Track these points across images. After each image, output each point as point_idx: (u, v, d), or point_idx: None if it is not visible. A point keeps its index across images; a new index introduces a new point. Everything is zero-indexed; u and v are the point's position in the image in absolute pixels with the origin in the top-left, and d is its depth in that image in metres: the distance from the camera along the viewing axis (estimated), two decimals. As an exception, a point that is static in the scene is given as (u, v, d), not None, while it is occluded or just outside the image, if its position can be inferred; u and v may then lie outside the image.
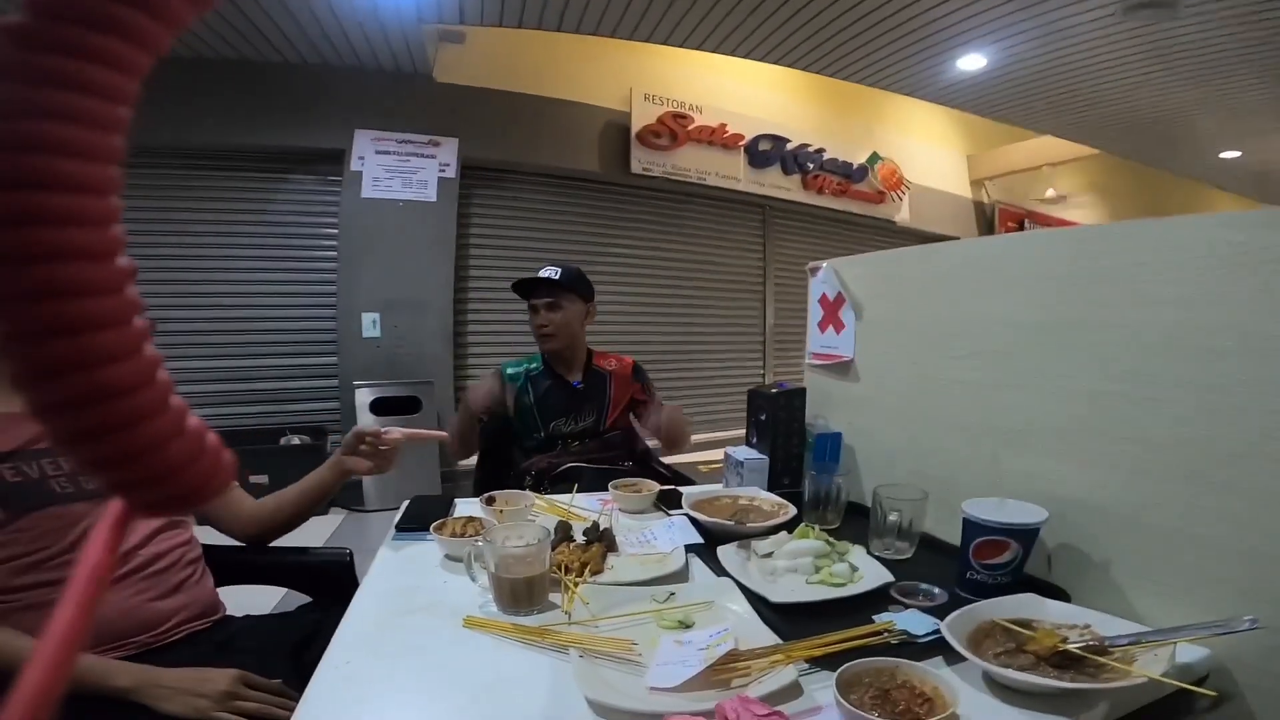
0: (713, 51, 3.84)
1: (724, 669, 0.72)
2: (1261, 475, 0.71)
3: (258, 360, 3.98)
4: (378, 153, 3.94)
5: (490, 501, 1.31)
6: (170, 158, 3.71)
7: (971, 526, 0.88)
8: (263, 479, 3.65)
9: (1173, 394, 0.80)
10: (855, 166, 5.51)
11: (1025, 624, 0.74)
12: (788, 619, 0.85)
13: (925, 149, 6.14)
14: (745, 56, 3.88)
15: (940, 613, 0.80)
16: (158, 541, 1.09)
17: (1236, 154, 5.69)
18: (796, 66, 3.99)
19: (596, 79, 4.50)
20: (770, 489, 1.38)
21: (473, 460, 2.11)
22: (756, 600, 0.89)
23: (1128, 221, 0.89)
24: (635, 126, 4.49)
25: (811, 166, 5.26)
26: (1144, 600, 0.84)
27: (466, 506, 1.37)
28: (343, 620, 0.89)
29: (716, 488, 1.43)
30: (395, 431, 1.29)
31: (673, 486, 1.51)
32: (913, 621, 0.81)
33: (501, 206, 4.45)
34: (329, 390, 4.06)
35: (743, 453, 1.45)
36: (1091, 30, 3.43)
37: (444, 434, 1.53)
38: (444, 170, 4.05)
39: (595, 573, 1.02)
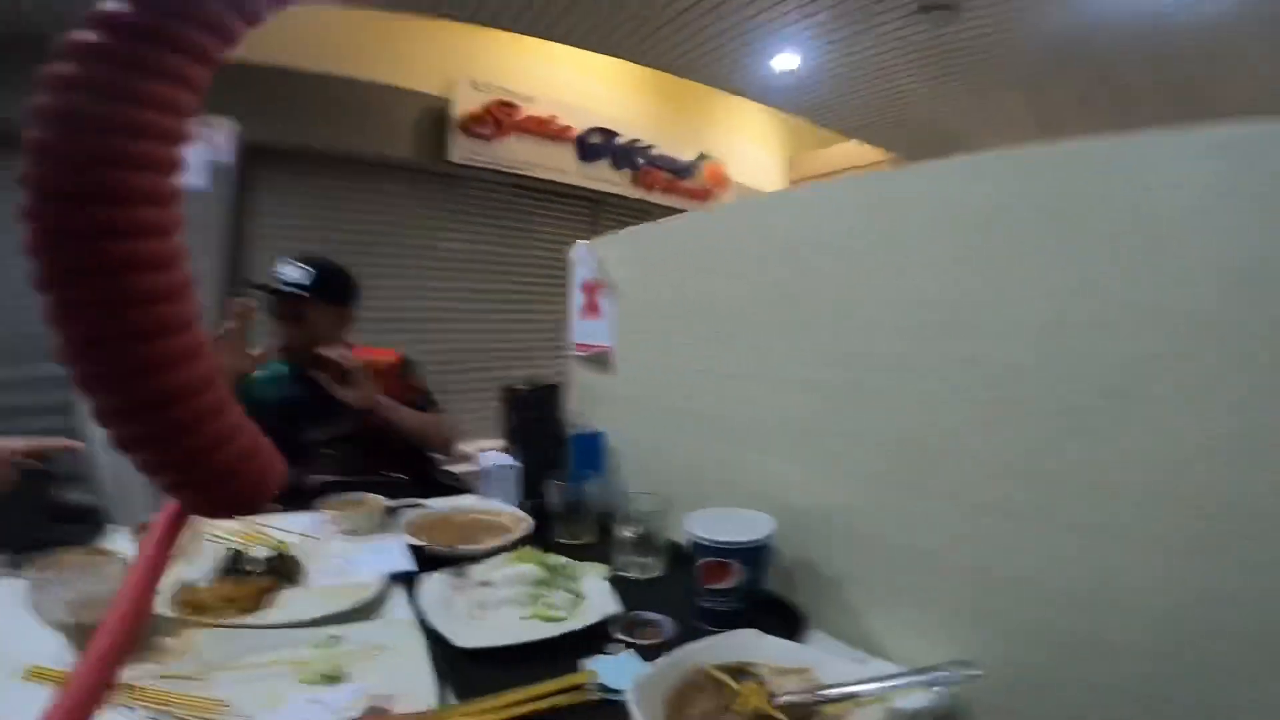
0: (539, 36, 3.67)
1: None
2: (976, 476, 0.64)
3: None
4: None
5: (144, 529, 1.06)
6: None
7: (696, 545, 0.77)
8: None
9: (883, 380, 0.71)
10: (683, 164, 5.57)
11: (742, 669, 0.63)
12: (481, 666, 0.70)
13: (749, 150, 6.37)
14: (571, 43, 3.76)
15: (662, 651, 0.67)
16: None
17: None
18: (622, 56, 3.94)
19: (415, 63, 4.16)
20: (527, 499, 1.23)
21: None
22: (439, 644, 0.72)
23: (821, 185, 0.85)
24: (460, 113, 4.20)
25: (642, 162, 5.23)
26: (875, 624, 0.76)
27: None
28: None
29: (463, 500, 1.25)
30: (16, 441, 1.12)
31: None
32: (618, 671, 0.67)
33: (298, 193, 3.98)
34: (56, 404, 3.38)
35: (491, 458, 1.28)
36: (890, 35, 3.65)
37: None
38: (217, 154, 3.52)
39: (247, 611, 0.83)
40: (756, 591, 0.77)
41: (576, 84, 4.90)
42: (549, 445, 1.29)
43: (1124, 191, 0.53)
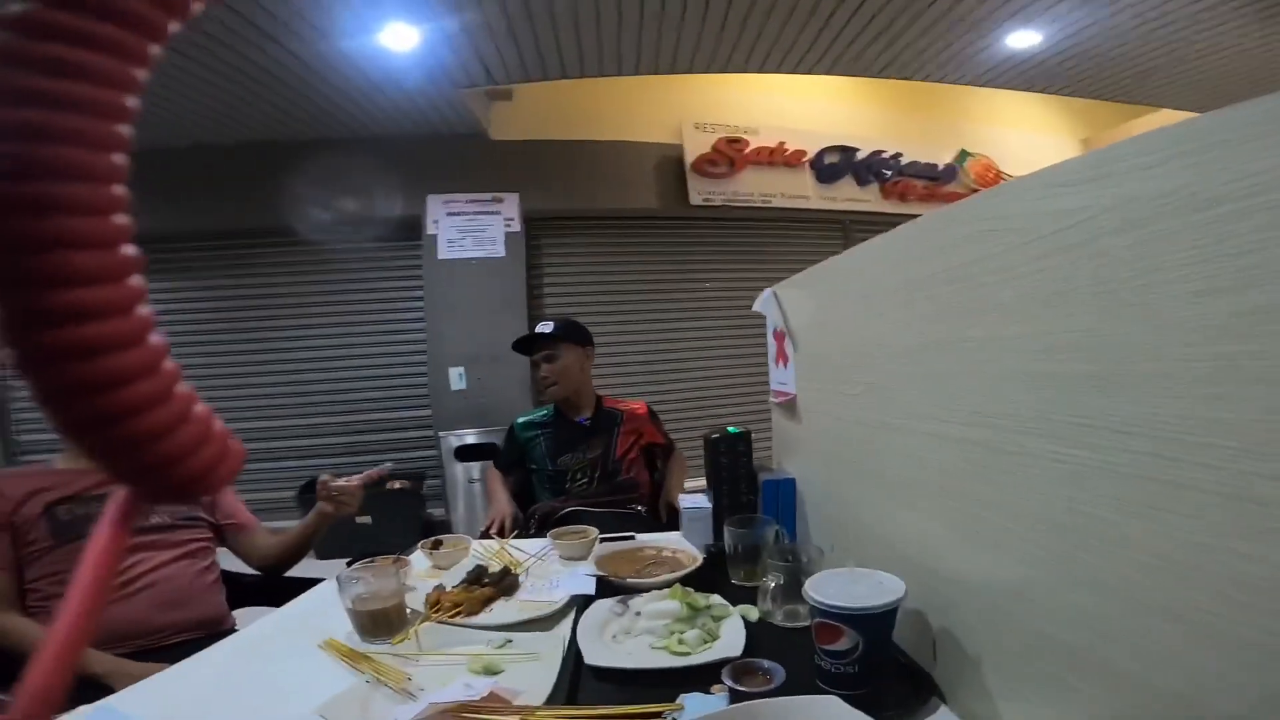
0: (759, 72, 3.77)
1: (456, 718, 0.72)
2: (1133, 569, 0.52)
3: (363, 415, 4.41)
4: (449, 214, 4.26)
5: (436, 546, 1.39)
6: (274, 236, 4.24)
7: (810, 604, 0.78)
8: (367, 520, 4.01)
9: (1027, 443, 0.62)
10: (941, 167, 5.11)
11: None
12: (597, 682, 0.81)
13: (1024, 138, 5.57)
14: (791, 72, 3.78)
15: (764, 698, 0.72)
16: (175, 566, 1.35)
17: None
18: (841, 73, 3.82)
19: (645, 115, 4.57)
20: (717, 540, 1.31)
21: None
22: (574, 657, 0.86)
23: (972, 198, 0.72)
24: (689, 157, 4.49)
25: (889, 173, 4.95)
26: (1008, 714, 0.67)
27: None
28: (251, 624, 1.09)
29: (658, 536, 1.38)
30: (355, 479, 1.50)
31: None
32: (701, 710, 0.73)
33: (566, 253, 4.62)
34: (426, 440, 4.37)
35: (688, 500, 1.39)
36: None
37: (387, 468, 1.65)
38: (509, 225, 4.28)
39: (470, 614, 1.06)
40: (876, 656, 0.75)
41: (799, 108, 4.86)
42: (742, 490, 1.37)
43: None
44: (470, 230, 4.27)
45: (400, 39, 3.03)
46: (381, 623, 0.99)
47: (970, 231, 0.70)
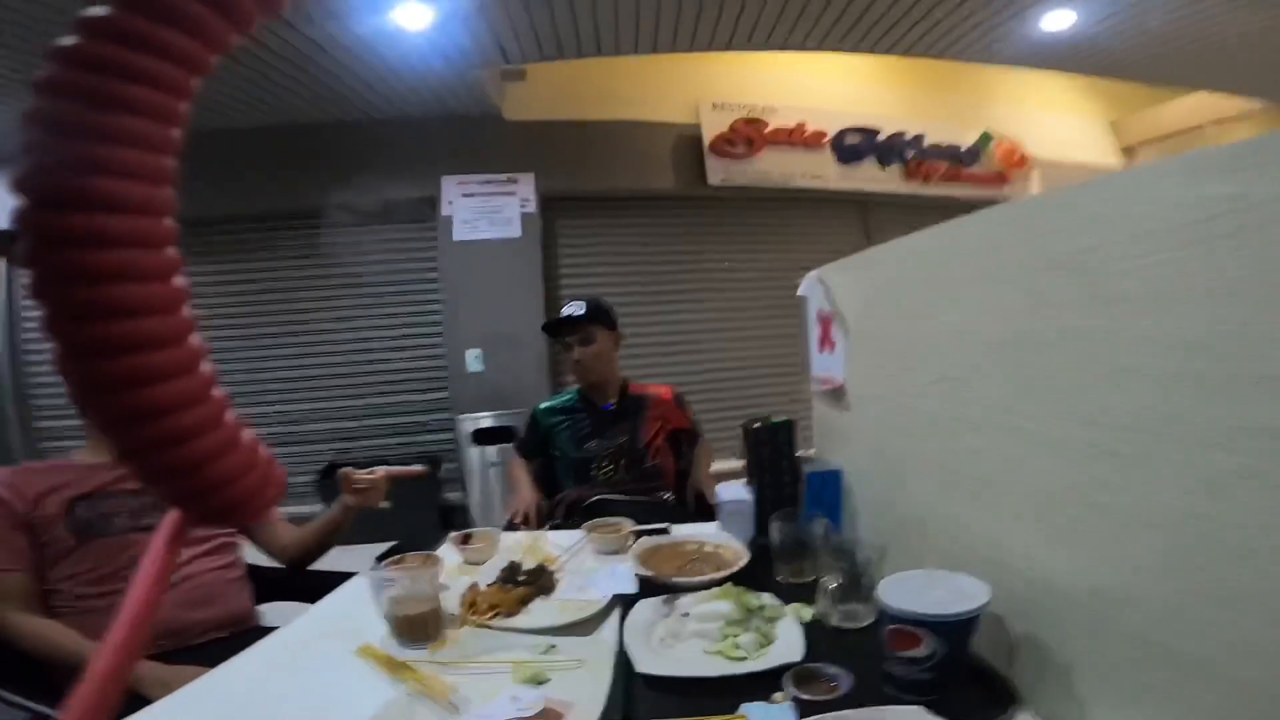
0: (780, 50, 3.67)
1: None
2: (1263, 576, 0.47)
3: (380, 398, 4.37)
4: (463, 196, 4.19)
5: (466, 540, 1.35)
6: (290, 219, 4.20)
7: (884, 610, 0.73)
8: (385, 503, 4.00)
9: (1152, 446, 0.56)
10: (965, 149, 4.99)
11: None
12: (650, 691, 0.77)
13: (1051, 119, 5.43)
14: (815, 49, 3.67)
15: (829, 708, 0.67)
16: (199, 563, 1.32)
17: None
18: (865, 51, 3.70)
19: (661, 95, 4.47)
20: (760, 535, 1.26)
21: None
22: (626, 664, 0.81)
23: (1083, 183, 0.65)
24: (707, 137, 4.40)
25: (911, 154, 4.84)
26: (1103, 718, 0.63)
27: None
28: (282, 628, 1.05)
29: (700, 529, 1.33)
30: (379, 470, 1.46)
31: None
32: None
33: (583, 235, 4.55)
34: (443, 422, 4.34)
35: (728, 491, 1.34)
36: None
37: (421, 470, 1.60)
38: (524, 206, 4.22)
39: (509, 615, 1.01)
40: (954, 662, 0.70)
41: (820, 87, 4.75)
42: (785, 482, 1.31)
43: None
44: (485, 211, 4.20)
45: (414, 18, 2.95)
46: (419, 628, 0.95)
47: (1082, 217, 0.64)
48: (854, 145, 4.69)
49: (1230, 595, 0.50)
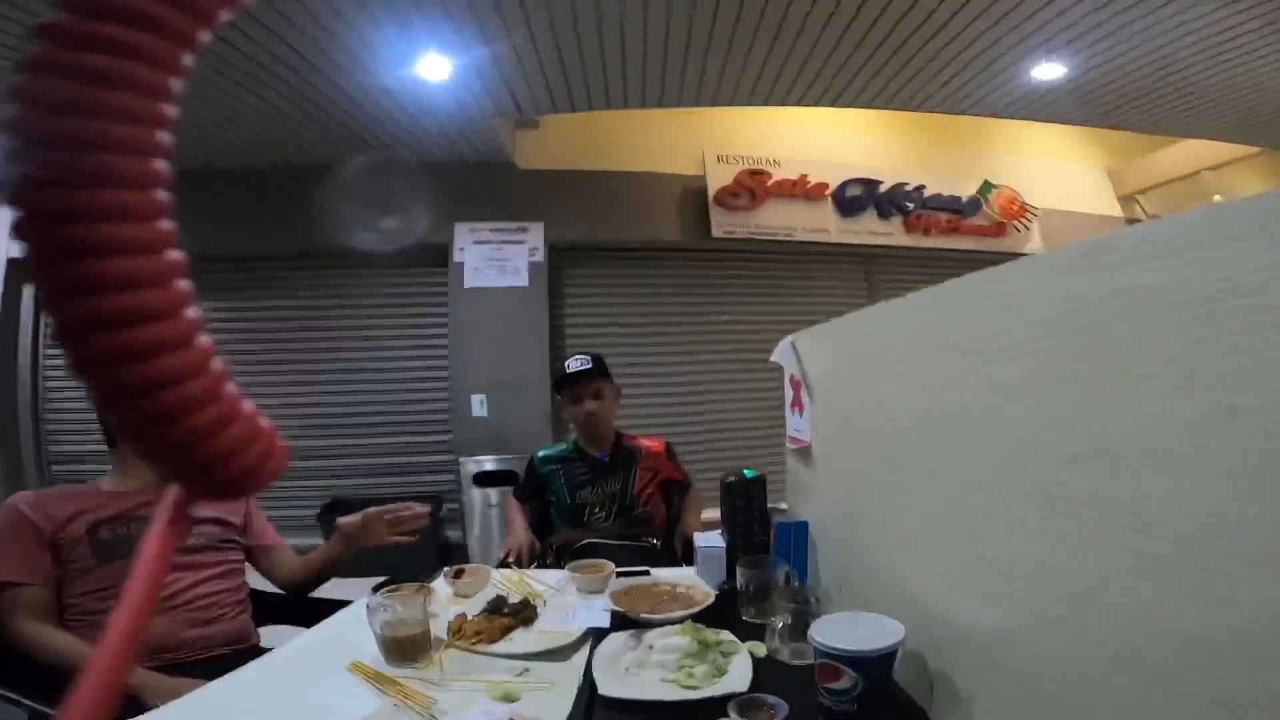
0: (781, 105, 3.85)
1: None
2: (1099, 623, 0.56)
3: (385, 437, 4.48)
4: (475, 243, 4.36)
5: (458, 574, 1.44)
6: (302, 259, 4.37)
7: (814, 646, 0.82)
8: (400, 538, 4.08)
9: (1020, 512, 0.66)
10: (965, 200, 5.12)
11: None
12: (609, 712, 0.86)
13: (1049, 169, 5.57)
14: (814, 105, 3.85)
15: None
16: (209, 584, 1.41)
17: None
18: (864, 106, 3.88)
19: (668, 146, 4.62)
20: (729, 579, 1.35)
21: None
22: (589, 688, 0.91)
23: (964, 279, 0.77)
24: (712, 189, 4.56)
25: (911, 206, 4.97)
26: None
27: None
28: (284, 644, 1.15)
29: (675, 572, 1.42)
30: (374, 511, 1.55)
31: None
32: None
33: (589, 284, 4.68)
34: (447, 464, 4.44)
35: (703, 539, 1.43)
36: (1190, 20, 3.00)
37: (422, 510, 1.67)
38: (533, 255, 4.38)
39: (490, 641, 1.11)
40: (875, 694, 0.79)
41: (822, 139, 4.89)
42: (756, 531, 1.41)
43: None
44: (494, 259, 4.36)
45: (434, 69, 3.16)
46: (408, 648, 1.05)
47: (980, 307, 0.75)
48: (855, 196, 4.82)
49: (1075, 639, 0.60)
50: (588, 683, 0.93)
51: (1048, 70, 3.54)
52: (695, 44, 3.14)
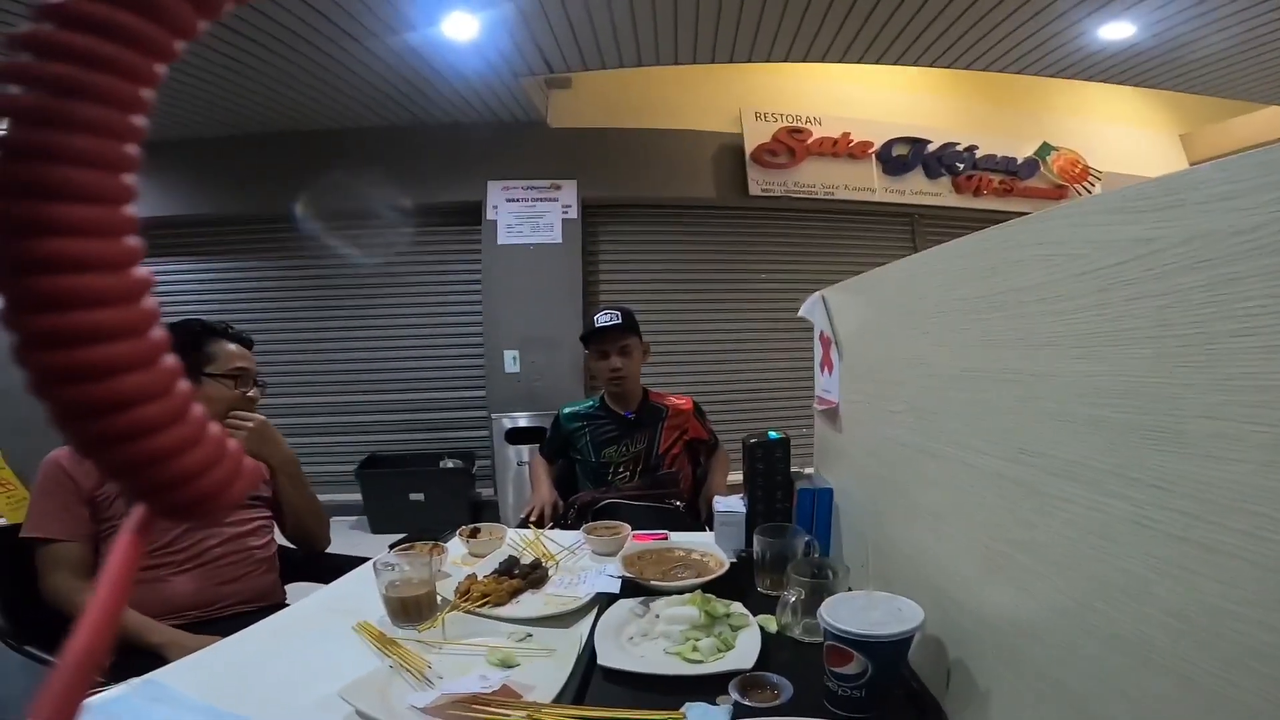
0: (821, 61, 3.66)
1: (466, 710, 0.74)
2: (1146, 621, 0.49)
3: (420, 393, 4.55)
4: (508, 201, 4.32)
5: (474, 534, 1.43)
6: (342, 219, 4.36)
7: (823, 627, 0.76)
8: (419, 497, 4.17)
9: (1065, 490, 0.58)
10: (1021, 161, 4.84)
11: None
12: (607, 683, 0.83)
13: (1116, 132, 5.21)
14: (858, 62, 3.65)
15: (767, 715, 0.72)
16: (238, 541, 1.43)
17: None
18: (914, 64, 3.65)
19: (704, 104, 4.50)
20: (748, 546, 1.30)
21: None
22: (588, 657, 0.88)
23: (1010, 223, 0.68)
24: (749, 147, 4.41)
25: (962, 166, 4.72)
26: None
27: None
28: (294, 603, 1.16)
29: (690, 537, 1.38)
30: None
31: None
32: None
33: (624, 241, 4.62)
34: (480, 420, 4.49)
35: (723, 503, 1.38)
36: None
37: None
38: (566, 212, 4.32)
39: (497, 604, 1.09)
40: (885, 682, 0.73)
41: (866, 97, 4.69)
42: (778, 497, 1.35)
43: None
44: (528, 216, 4.32)
45: (461, 28, 3.08)
46: (411, 609, 1.03)
47: (1024, 255, 0.66)
48: (901, 156, 4.61)
49: (1114, 637, 0.52)
50: (588, 651, 0.89)
51: (1116, 30, 3.27)
52: (731, -1, 2.98)
